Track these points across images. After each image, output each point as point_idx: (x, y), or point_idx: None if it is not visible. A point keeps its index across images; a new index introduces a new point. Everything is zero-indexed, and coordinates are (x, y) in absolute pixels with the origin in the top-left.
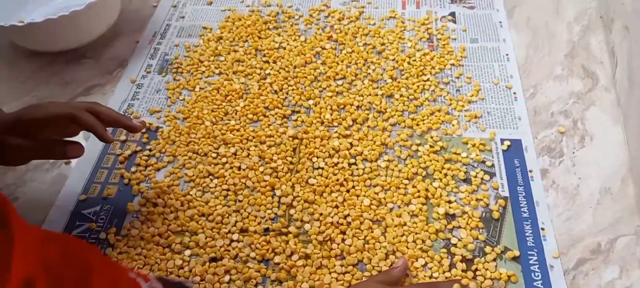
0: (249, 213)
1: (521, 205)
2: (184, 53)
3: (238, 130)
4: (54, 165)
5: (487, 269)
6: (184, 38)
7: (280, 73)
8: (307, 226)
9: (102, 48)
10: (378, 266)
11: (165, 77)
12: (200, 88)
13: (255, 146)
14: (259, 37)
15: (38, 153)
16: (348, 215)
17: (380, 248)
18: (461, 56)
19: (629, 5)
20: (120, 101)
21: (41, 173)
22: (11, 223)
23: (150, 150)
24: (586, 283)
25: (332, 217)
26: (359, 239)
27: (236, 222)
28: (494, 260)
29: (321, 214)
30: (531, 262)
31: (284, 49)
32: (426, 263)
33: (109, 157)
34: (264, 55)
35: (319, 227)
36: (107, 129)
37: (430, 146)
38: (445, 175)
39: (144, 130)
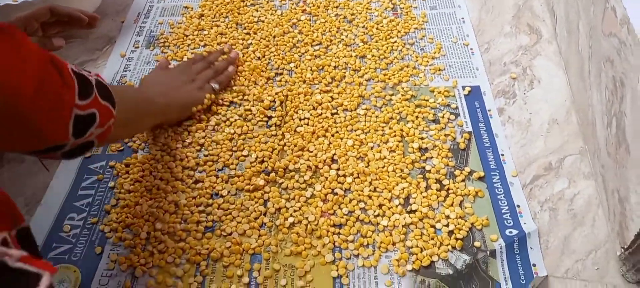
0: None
1: (483, 137)
2: (169, 30)
3: (227, 91)
4: None
5: (457, 187)
6: (167, 17)
7: (261, 42)
8: (299, 163)
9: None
10: (364, 193)
11: (154, 50)
12: (187, 58)
13: (247, 101)
14: (239, 13)
15: None
16: (335, 154)
17: (366, 177)
18: (423, 21)
19: None
20: (113, 72)
21: None
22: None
23: None
24: (542, 193)
25: (319, 156)
26: (346, 172)
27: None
28: (463, 180)
29: (310, 151)
30: (494, 180)
31: (263, 22)
32: (405, 187)
33: None
34: (245, 28)
35: (309, 161)
36: None
37: (402, 95)
38: (417, 117)
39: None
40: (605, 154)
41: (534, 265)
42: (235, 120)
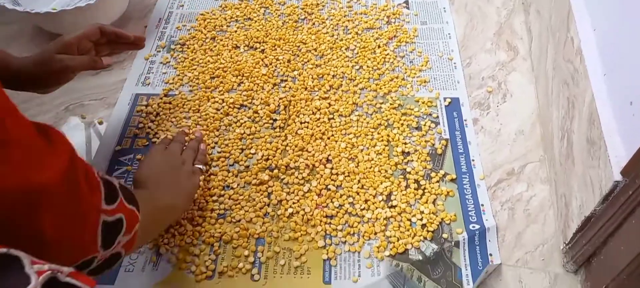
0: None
1: (458, 144)
2: (188, 35)
3: (238, 94)
4: (90, 126)
5: (432, 187)
6: (185, 22)
7: (270, 52)
8: (299, 162)
9: None
10: (353, 189)
11: (174, 55)
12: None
13: (255, 104)
14: (249, 18)
15: (84, 65)
16: (329, 154)
17: (355, 176)
18: (413, 35)
19: None
20: (138, 74)
21: (79, 131)
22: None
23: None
24: (503, 195)
25: (316, 156)
26: (339, 170)
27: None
28: (437, 181)
29: (309, 152)
30: (464, 182)
31: (270, 30)
32: (388, 186)
33: (135, 117)
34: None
35: (307, 160)
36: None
37: (391, 104)
38: (402, 124)
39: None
40: (558, 164)
41: (491, 254)
42: (245, 121)
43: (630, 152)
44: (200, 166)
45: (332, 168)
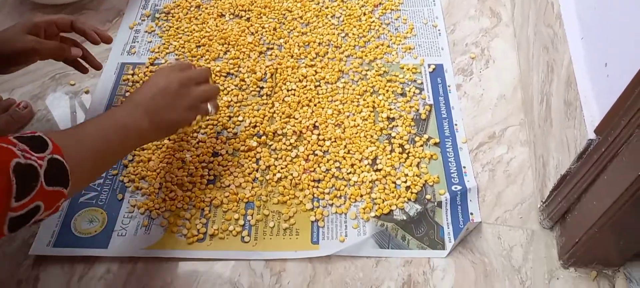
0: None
1: (442, 109)
2: (172, 4)
3: (224, 62)
4: (76, 95)
5: (416, 151)
6: None
7: (255, 20)
8: (286, 128)
9: (99, 0)
10: (339, 154)
11: (159, 24)
12: (190, 31)
13: (241, 72)
14: None
15: (50, 51)
16: (316, 121)
17: (341, 142)
18: (399, 3)
19: None
20: (123, 43)
21: (64, 100)
22: None
23: None
24: (484, 157)
25: (303, 123)
26: (325, 136)
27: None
28: (421, 146)
29: (296, 118)
30: (447, 146)
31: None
32: (373, 150)
33: (121, 86)
34: (241, 8)
35: (294, 127)
36: None
37: (376, 71)
38: (387, 91)
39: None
40: (537, 126)
41: (472, 213)
42: (232, 89)
43: (604, 111)
44: (211, 108)
45: (319, 135)
